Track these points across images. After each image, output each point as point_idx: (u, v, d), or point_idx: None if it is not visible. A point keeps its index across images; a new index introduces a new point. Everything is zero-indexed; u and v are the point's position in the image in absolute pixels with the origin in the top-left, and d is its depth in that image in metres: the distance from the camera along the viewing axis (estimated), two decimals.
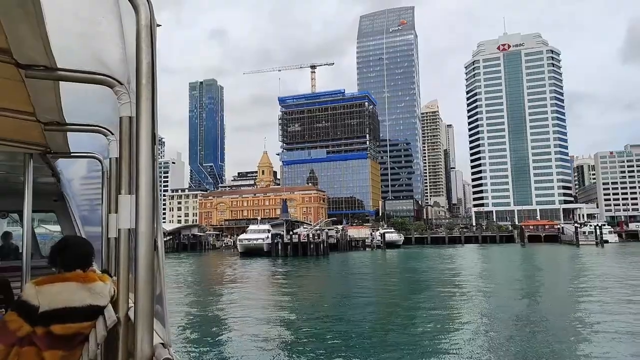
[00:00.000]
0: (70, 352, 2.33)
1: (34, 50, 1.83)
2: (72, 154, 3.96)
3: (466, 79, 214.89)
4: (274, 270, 51.94)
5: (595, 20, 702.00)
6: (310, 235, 77.41)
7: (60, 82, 2.19)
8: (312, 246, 74.10)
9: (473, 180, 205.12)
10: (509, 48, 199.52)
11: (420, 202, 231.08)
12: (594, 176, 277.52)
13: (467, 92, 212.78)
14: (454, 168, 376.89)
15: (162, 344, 1.65)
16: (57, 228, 7.09)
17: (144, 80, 1.55)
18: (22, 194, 3.85)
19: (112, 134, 2.84)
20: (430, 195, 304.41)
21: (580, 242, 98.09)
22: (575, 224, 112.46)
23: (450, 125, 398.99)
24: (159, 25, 1.65)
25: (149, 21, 1.55)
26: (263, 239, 78.31)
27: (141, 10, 1.54)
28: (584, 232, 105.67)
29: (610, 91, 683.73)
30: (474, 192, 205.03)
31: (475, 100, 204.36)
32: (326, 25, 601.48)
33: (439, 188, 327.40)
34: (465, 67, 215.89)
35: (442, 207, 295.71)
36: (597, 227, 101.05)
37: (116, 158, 2.54)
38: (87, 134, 3.12)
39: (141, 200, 1.55)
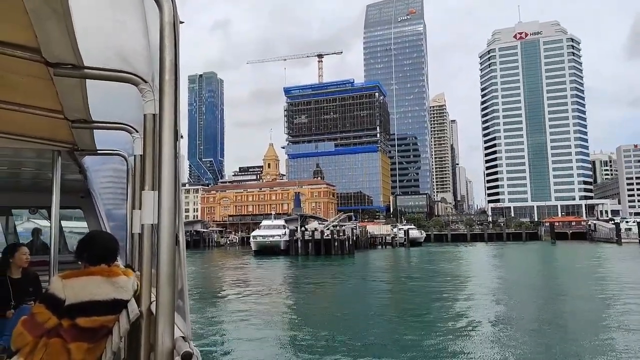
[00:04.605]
0: (95, 344, 2.40)
1: (62, 49, 1.84)
2: (98, 151, 4.04)
3: (480, 69, 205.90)
4: (298, 273, 43.59)
5: (596, 18, 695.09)
6: (326, 232, 69.23)
7: (86, 80, 2.21)
8: (336, 244, 65.67)
9: (488, 175, 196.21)
10: (526, 36, 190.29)
11: (431, 197, 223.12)
12: (607, 172, 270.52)
13: (482, 83, 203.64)
14: (458, 164, 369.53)
15: (182, 337, 1.67)
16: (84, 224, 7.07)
17: (167, 78, 1.56)
18: (50, 191, 3.97)
19: (137, 131, 2.88)
20: (437, 191, 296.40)
21: (622, 240, 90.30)
22: (616, 221, 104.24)
23: (454, 120, 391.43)
24: (181, 22, 1.64)
25: (172, 18, 1.54)
26: (280, 235, 69.83)
27: (165, 7, 1.54)
28: (621, 230, 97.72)
29: (613, 87, 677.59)
30: (489, 187, 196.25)
31: (490, 92, 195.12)
32: (330, 18, 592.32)
33: (446, 184, 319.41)
34: (480, 57, 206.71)
35: (449, 203, 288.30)
36: None
37: (140, 155, 2.55)
38: (112, 132, 3.19)
39: (163, 196, 1.55)
